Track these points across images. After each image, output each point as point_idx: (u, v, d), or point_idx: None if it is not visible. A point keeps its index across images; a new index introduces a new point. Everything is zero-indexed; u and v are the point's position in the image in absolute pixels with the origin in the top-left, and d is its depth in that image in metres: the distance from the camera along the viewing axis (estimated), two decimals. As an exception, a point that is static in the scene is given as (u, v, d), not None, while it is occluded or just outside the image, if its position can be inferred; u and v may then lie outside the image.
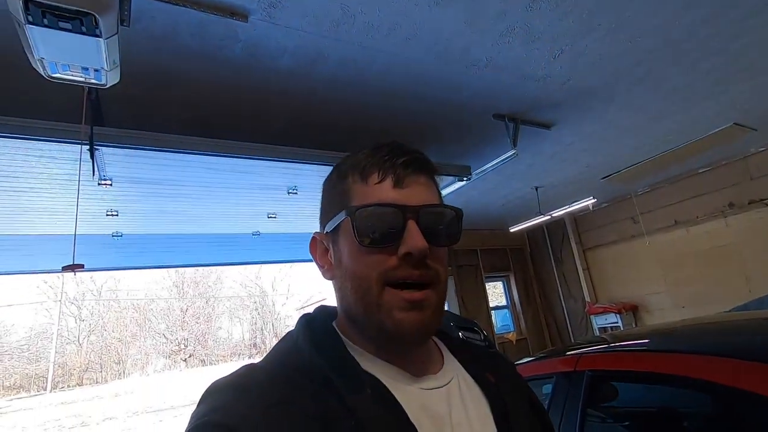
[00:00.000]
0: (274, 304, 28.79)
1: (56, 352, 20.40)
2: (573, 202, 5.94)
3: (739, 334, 1.36)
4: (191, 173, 3.05)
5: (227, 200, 3.66)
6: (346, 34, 2.28)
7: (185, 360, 24.54)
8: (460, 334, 3.45)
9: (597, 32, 2.52)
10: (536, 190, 5.66)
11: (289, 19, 2.13)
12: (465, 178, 3.64)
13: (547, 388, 1.52)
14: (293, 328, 0.64)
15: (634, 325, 6.44)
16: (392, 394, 0.54)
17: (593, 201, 5.92)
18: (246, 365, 0.56)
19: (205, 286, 26.92)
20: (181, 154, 2.65)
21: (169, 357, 24.59)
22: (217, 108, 2.85)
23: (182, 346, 24.73)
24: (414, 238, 0.54)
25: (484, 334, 3.45)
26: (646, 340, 1.49)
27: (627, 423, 1.40)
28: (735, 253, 5.44)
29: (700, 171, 5.81)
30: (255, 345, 26.68)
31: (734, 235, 5.47)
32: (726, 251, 5.53)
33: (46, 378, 19.71)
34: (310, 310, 0.68)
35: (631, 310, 6.61)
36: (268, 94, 2.76)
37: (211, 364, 24.70)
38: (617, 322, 6.46)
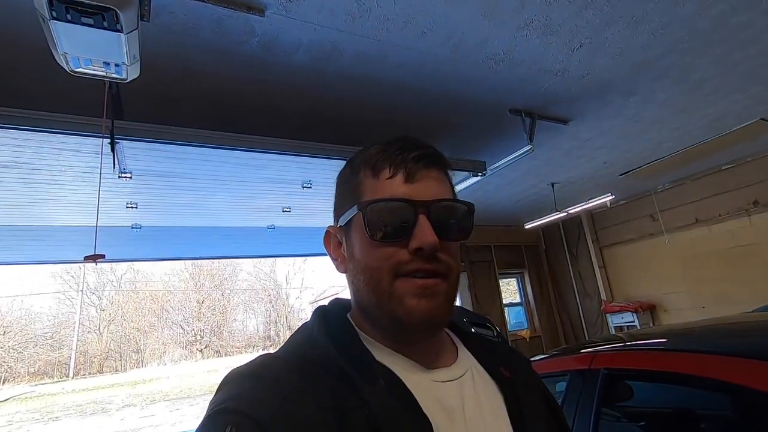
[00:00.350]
0: (288, 297, 29.11)
1: (78, 341, 21.03)
2: (590, 199, 5.84)
3: (761, 335, 1.33)
4: (209, 167, 3.09)
5: (243, 194, 3.70)
6: (362, 27, 2.27)
7: (201, 351, 25.03)
8: (473, 329, 3.43)
9: (617, 25, 2.47)
10: (552, 186, 5.58)
11: (305, 13, 2.13)
12: (480, 174, 3.61)
13: (561, 386, 1.51)
14: (308, 319, 0.65)
15: (651, 325, 6.33)
16: (406, 386, 0.54)
17: (611, 198, 5.81)
18: (262, 355, 0.57)
19: (221, 279, 27.36)
20: (199, 148, 2.68)
21: (186, 347, 25.10)
22: (234, 102, 2.88)
23: (198, 337, 25.22)
24: (424, 233, 0.55)
25: (497, 330, 3.43)
26: (664, 340, 1.46)
27: (642, 423, 1.38)
28: (759, 252, 5.28)
29: (724, 167, 5.64)
30: (269, 337, 27.06)
31: (759, 234, 5.30)
32: (750, 251, 5.37)
33: (68, 365, 20.35)
34: (325, 303, 0.69)
35: (649, 310, 6.49)
36: (284, 88, 2.78)
37: (226, 355, 25.14)
38: (634, 321, 6.35)
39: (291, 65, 2.54)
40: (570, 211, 6.07)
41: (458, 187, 3.81)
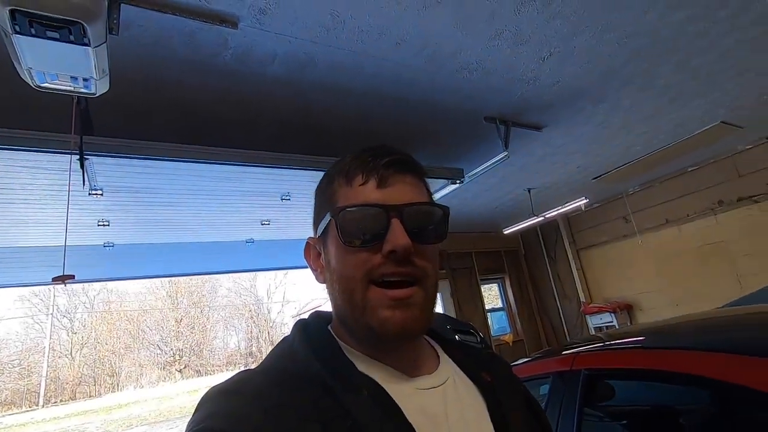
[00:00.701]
0: (269, 312, 28.58)
1: (48, 367, 20.07)
2: (566, 203, 5.98)
3: (733, 330, 1.37)
4: (183, 181, 3.03)
5: (220, 208, 3.64)
6: (336, 39, 2.29)
7: (180, 371, 24.25)
8: (456, 336, 3.44)
9: (585, 34, 2.56)
10: (529, 191, 5.69)
11: (279, 26, 2.13)
12: (458, 181, 3.65)
13: (545, 389, 1.52)
14: (289, 333, 0.64)
15: (628, 324, 6.48)
16: (389, 395, 0.54)
17: (585, 201, 5.96)
18: (242, 371, 0.56)
19: (199, 296, 26.67)
20: (173, 163, 2.63)
21: (164, 368, 24.28)
22: (208, 115, 2.84)
23: (177, 357, 24.45)
24: (397, 236, 0.55)
25: (480, 336, 3.45)
26: (641, 338, 1.50)
27: (624, 421, 1.41)
28: (726, 250, 5.50)
29: (690, 169, 5.88)
30: (251, 354, 26.45)
31: (725, 232, 5.53)
32: (717, 248, 5.59)
33: (38, 393, 19.37)
34: (305, 316, 0.69)
35: (626, 309, 6.65)
36: (259, 100, 2.76)
37: (206, 374, 24.43)
38: (612, 322, 6.49)
39: (266, 77, 2.53)
40: (547, 216, 6.20)
41: (437, 195, 3.85)
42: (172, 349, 24.39)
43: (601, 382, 1.39)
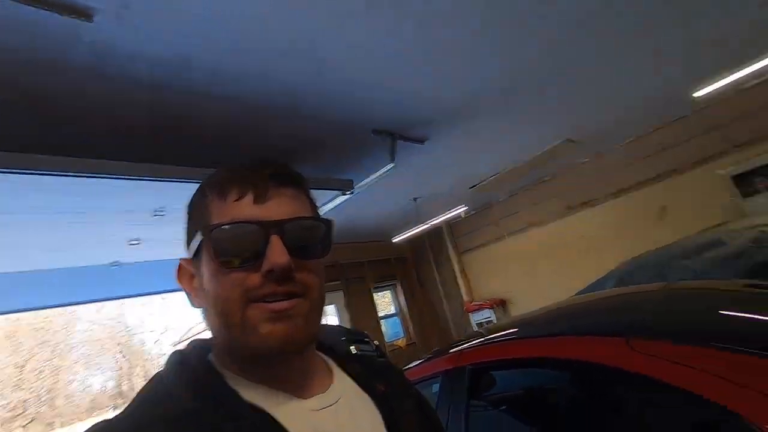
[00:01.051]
0: (144, 344, 25.26)
1: None
2: (448, 211, 6.47)
3: (587, 314, 1.60)
4: (30, 198, 2.52)
5: (75, 227, 3.11)
6: (215, 41, 2.15)
7: (25, 426, 19.99)
8: (352, 347, 3.45)
9: (458, 57, 2.81)
10: (415, 201, 6.02)
11: (146, 22, 1.92)
12: (348, 192, 3.70)
13: (437, 387, 1.59)
14: (162, 368, 0.58)
15: (504, 317, 7.22)
16: (276, 420, 0.51)
17: (465, 209, 6.54)
18: (97, 424, 0.48)
19: (50, 333, 22.39)
20: (16, 175, 2.17)
21: (3, 425, 19.77)
22: (59, 118, 2.42)
23: (20, 410, 20.12)
24: (275, 254, 0.52)
25: (375, 344, 3.51)
26: (514, 329, 1.67)
27: (505, 407, 1.54)
28: (576, 246, 6.49)
29: (545, 179, 6.84)
30: (121, 394, 22.96)
31: (575, 232, 6.55)
32: (569, 245, 6.58)
33: None
34: (181, 347, 0.62)
35: (501, 305, 7.42)
36: (123, 104, 2.45)
37: (62, 425, 20.54)
38: (491, 317, 7.18)
39: (132, 78, 2.25)
40: (431, 223, 6.64)
41: (327, 206, 3.82)
42: (12, 402, 20.00)
43: (485, 375, 1.51)
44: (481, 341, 1.60)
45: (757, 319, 1.09)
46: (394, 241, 7.32)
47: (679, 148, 5.43)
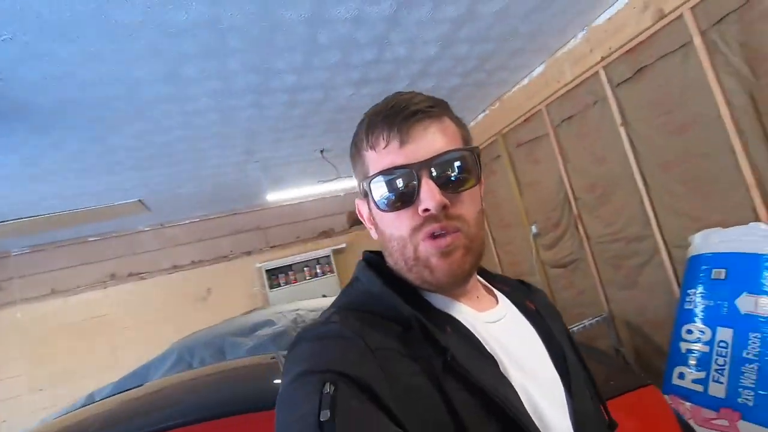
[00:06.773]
0: None
1: None
2: None
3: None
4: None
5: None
6: None
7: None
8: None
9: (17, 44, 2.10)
10: None
11: None
12: None
13: None
14: (356, 275, 0.68)
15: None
16: (469, 329, 0.60)
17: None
18: (327, 317, 0.60)
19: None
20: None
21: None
22: None
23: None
24: (427, 194, 0.57)
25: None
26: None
27: None
28: (109, 323, 5.59)
29: (90, 239, 5.77)
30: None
31: (112, 305, 5.66)
32: (102, 322, 5.57)
33: None
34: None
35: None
36: None
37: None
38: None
39: None
40: None
41: None
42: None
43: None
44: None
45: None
46: None
47: (234, 237, 6.22)
